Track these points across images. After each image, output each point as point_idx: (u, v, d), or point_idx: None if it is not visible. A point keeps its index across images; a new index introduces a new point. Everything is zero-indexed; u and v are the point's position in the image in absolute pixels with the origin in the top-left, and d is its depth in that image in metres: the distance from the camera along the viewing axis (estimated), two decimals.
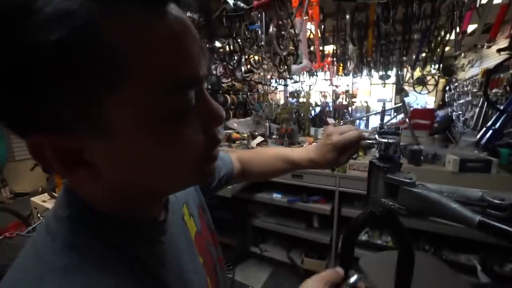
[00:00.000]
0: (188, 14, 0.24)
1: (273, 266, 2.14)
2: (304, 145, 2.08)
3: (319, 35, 2.66)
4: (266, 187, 2.14)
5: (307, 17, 2.41)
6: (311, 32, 3.01)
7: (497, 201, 0.39)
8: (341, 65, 4.36)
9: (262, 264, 2.18)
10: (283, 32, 2.73)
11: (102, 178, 0.24)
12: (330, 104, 5.69)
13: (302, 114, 2.58)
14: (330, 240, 1.89)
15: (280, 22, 2.55)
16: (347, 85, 7.17)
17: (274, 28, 2.28)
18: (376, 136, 0.52)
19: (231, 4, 1.85)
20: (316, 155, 0.56)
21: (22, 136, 0.21)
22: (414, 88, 4.82)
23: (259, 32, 2.52)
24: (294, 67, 2.22)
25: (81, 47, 0.18)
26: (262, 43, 2.50)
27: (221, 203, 2.18)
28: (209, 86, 5.48)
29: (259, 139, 2.35)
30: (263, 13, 2.44)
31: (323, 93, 6.16)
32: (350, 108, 6.41)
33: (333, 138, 0.53)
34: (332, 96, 6.09)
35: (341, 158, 0.56)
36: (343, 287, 0.44)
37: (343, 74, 5.12)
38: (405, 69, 4.67)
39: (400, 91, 2.06)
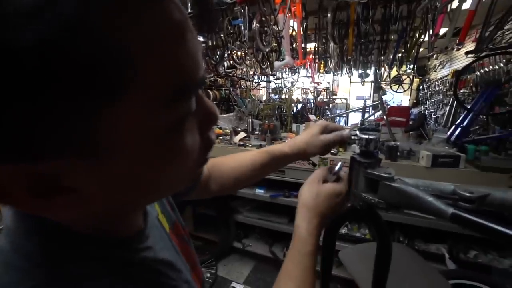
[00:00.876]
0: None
1: (255, 261, 2.16)
2: (286, 141, 2.11)
3: (302, 32, 2.68)
4: None
5: (290, 14, 2.42)
6: (293, 29, 3.03)
7: (467, 194, 0.42)
8: (323, 62, 4.45)
9: (245, 259, 2.19)
10: (266, 28, 2.73)
11: (88, 203, 0.20)
12: (312, 101, 5.79)
13: (284, 111, 2.60)
14: None
15: (264, 18, 2.55)
16: (328, 83, 7.33)
17: (257, 24, 2.27)
18: (357, 132, 0.53)
19: None
20: (303, 146, 0.57)
21: None
22: (391, 86, 5.04)
23: (242, 27, 2.50)
24: (276, 63, 2.23)
25: (68, 51, 0.13)
26: (245, 38, 2.48)
27: (203, 200, 2.16)
28: None
29: (242, 134, 2.34)
30: (247, 8, 2.42)
31: (304, 90, 6.25)
32: (330, 105, 6.60)
33: (328, 136, 0.55)
34: (314, 93, 6.22)
35: (325, 152, 0.58)
36: (329, 177, 0.51)
37: (324, 72, 5.24)
38: (382, 68, 4.87)
39: (378, 89, 2.15)
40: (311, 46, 4.04)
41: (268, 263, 2.11)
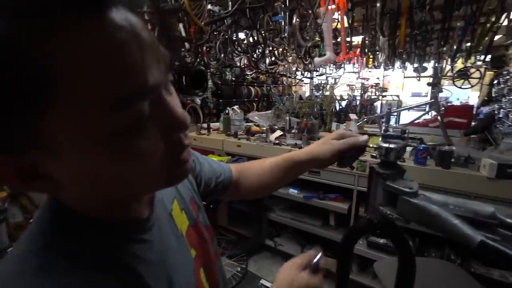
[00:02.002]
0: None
1: (286, 261, 2.14)
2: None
3: (347, 25, 2.52)
4: None
5: (333, 6, 2.29)
6: (338, 22, 2.86)
7: (510, 221, 0.35)
8: (371, 57, 4.11)
9: (276, 257, 2.19)
10: (308, 23, 2.64)
11: (65, 189, 0.24)
12: (358, 98, 5.42)
13: (324, 108, 2.50)
14: None
15: (305, 12, 2.47)
16: (377, 78, 6.75)
17: (297, 19, 2.20)
18: (380, 140, 0.48)
19: None
20: (316, 150, 0.55)
21: None
22: (454, 82, 4.39)
23: (282, 23, 2.46)
24: (316, 59, 2.14)
25: (4, 71, 0.17)
26: (285, 34, 2.44)
27: None
28: (233, 78, 5.52)
29: (278, 133, 2.32)
30: (287, 3, 2.37)
31: (350, 87, 5.88)
32: (379, 103, 6.07)
33: (338, 142, 0.53)
34: (360, 90, 5.80)
35: (344, 161, 0.54)
36: (309, 268, 0.49)
37: (373, 67, 4.84)
38: (444, 61, 4.27)
39: (433, 86, 1.87)
40: (358, 39, 3.76)
41: None
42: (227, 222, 2.43)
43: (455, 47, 3.31)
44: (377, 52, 4.10)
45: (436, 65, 4.31)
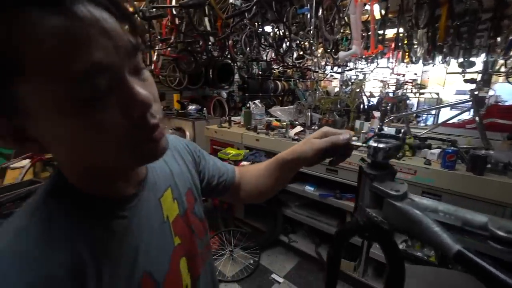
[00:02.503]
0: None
1: (300, 258, 2.13)
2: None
3: (380, 16, 2.35)
4: (299, 178, 2.10)
5: None
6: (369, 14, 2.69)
7: (502, 234, 0.32)
8: (407, 51, 3.81)
9: (289, 253, 2.19)
10: (336, 15, 2.52)
11: (53, 152, 0.30)
12: (390, 95, 5.08)
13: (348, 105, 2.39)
14: (362, 242, 1.76)
15: (332, 4, 2.36)
16: (415, 74, 6.24)
17: (324, 11, 2.12)
18: (371, 140, 0.46)
19: None
20: (298, 149, 0.54)
21: None
22: (507, 78, 3.89)
23: (308, 16, 2.38)
24: (341, 54, 2.04)
25: None
26: (310, 27, 2.36)
27: None
28: (260, 72, 5.51)
29: (298, 128, 2.28)
30: None
31: (384, 83, 5.52)
32: (416, 101, 5.62)
33: (319, 141, 0.51)
34: (395, 86, 5.41)
35: (332, 161, 0.52)
36: None
37: (410, 62, 4.47)
38: (496, 55, 3.79)
39: (471, 82, 1.67)
40: (392, 32, 3.50)
41: (313, 262, 2.05)
42: (244, 214, 2.48)
43: (511, 38, 2.92)
44: (415, 46, 3.79)
45: (487, 59, 3.86)
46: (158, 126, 0.31)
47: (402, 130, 0.47)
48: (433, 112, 5.57)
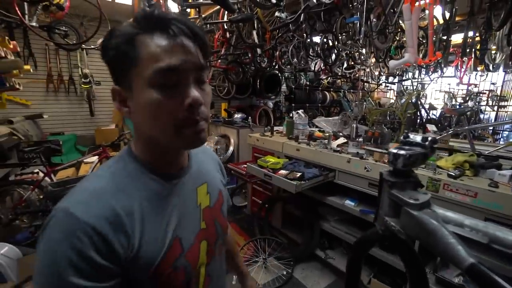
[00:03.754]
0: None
1: (336, 276, 2.00)
2: None
3: (439, 22, 2.14)
4: (340, 192, 2.00)
5: (422, 2, 2.00)
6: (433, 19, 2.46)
7: None
8: (480, 57, 3.32)
9: (325, 270, 2.08)
10: (389, 22, 2.39)
11: (132, 119, 0.44)
12: (458, 107, 4.48)
13: (397, 117, 2.20)
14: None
15: (386, 11, 2.24)
16: (493, 84, 5.37)
17: (374, 19, 2.02)
18: (392, 147, 0.44)
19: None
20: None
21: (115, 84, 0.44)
22: None
23: (358, 24, 2.31)
24: (392, 62, 1.91)
25: (123, 49, 0.40)
26: (359, 36, 2.28)
27: (293, 199, 2.22)
28: (307, 82, 5.47)
29: (341, 140, 2.19)
30: (364, 2, 2.21)
31: (449, 94, 4.89)
32: (494, 114, 4.79)
33: None
34: (466, 97, 4.74)
35: None
36: None
37: (485, 69, 3.88)
38: None
39: None
40: (457, 37, 3.12)
41: None
42: (281, 224, 2.46)
43: None
44: (492, 51, 3.29)
45: None
46: (200, 121, 0.42)
47: (429, 138, 0.43)
48: None
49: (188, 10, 2.36)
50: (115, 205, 0.40)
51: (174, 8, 2.41)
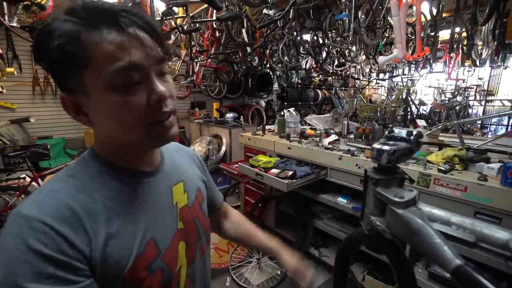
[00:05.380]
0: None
1: (330, 274, 2.00)
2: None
3: (426, 18, 2.16)
4: (332, 189, 2.00)
5: None
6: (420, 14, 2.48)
7: None
8: (467, 52, 3.38)
9: (319, 268, 2.07)
10: (377, 18, 2.40)
11: (95, 125, 0.41)
12: (447, 102, 4.54)
13: (391, 113, 2.21)
14: None
15: (374, 7, 2.25)
16: (480, 79, 5.47)
17: (362, 16, 2.03)
18: (376, 143, 0.42)
19: None
20: (282, 253, 0.76)
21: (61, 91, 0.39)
22: None
23: (347, 21, 2.31)
24: (381, 58, 1.91)
25: (68, 50, 0.34)
26: (349, 33, 2.28)
27: (286, 198, 2.21)
28: (299, 81, 5.47)
29: (333, 137, 2.19)
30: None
31: (438, 89, 4.96)
32: (481, 109, 4.89)
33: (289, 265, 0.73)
34: (455, 92, 4.81)
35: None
36: None
37: (472, 65, 3.95)
38: None
39: None
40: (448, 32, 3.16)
41: None
42: (274, 224, 2.44)
43: None
44: (479, 47, 3.34)
45: None
46: (170, 115, 0.41)
47: (414, 132, 0.41)
48: (505, 122, 4.80)
49: (175, 8, 2.32)
50: (72, 204, 0.37)
51: (160, 6, 2.36)
